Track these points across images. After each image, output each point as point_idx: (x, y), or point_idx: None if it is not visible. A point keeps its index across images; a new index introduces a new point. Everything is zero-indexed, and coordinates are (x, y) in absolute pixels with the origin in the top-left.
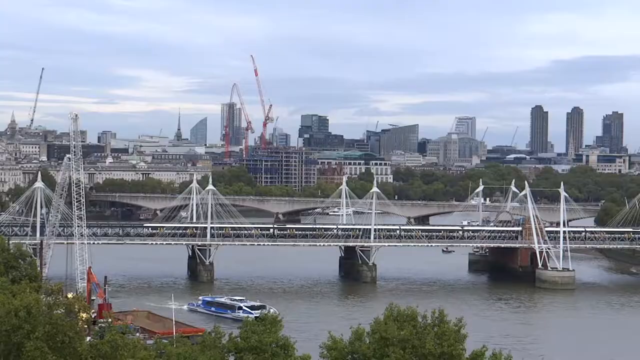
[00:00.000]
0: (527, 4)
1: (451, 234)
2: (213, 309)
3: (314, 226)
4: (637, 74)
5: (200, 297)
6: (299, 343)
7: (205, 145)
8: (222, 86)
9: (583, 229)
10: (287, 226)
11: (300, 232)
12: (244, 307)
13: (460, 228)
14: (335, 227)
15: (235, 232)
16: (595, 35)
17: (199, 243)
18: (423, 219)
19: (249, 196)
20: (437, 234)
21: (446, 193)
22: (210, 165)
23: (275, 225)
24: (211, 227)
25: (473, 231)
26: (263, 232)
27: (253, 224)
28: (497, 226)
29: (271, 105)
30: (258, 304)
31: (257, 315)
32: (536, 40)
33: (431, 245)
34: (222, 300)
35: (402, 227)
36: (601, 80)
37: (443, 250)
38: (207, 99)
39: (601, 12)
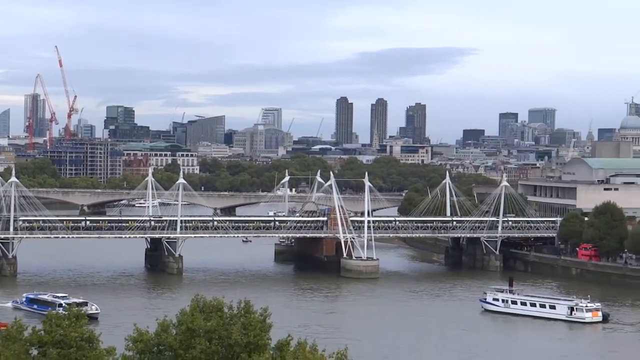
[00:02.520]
0: None
1: (258, 224)
2: (35, 306)
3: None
4: (439, 66)
5: (24, 295)
6: (104, 336)
7: (8, 137)
8: (26, 77)
9: (388, 219)
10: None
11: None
12: (64, 304)
13: (267, 218)
14: (142, 218)
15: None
16: (399, 28)
17: (2, 236)
18: (230, 210)
19: (54, 188)
20: (244, 224)
21: (253, 184)
22: (13, 157)
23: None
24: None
25: (279, 221)
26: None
27: (56, 216)
28: (302, 216)
29: (76, 96)
30: (80, 300)
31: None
32: (342, 32)
33: (238, 236)
34: (45, 297)
35: (214, 219)
36: (405, 73)
37: (243, 241)
38: (10, 90)
39: (405, 5)
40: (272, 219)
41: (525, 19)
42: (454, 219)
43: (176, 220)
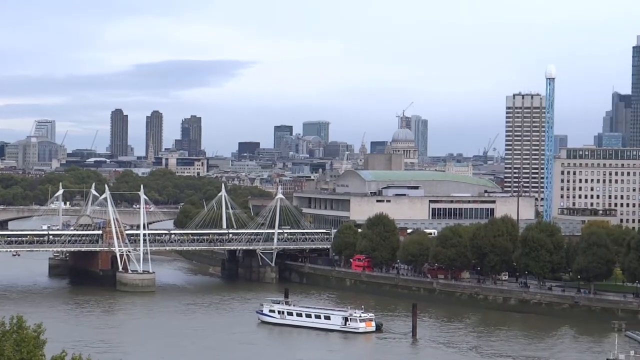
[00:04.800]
0: (111, 7)
1: (32, 238)
2: None
3: None
4: (217, 79)
5: None
6: None
7: None
8: None
9: (164, 231)
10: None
11: None
12: None
13: (40, 232)
14: None
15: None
16: (178, 40)
17: None
18: (2, 224)
19: None
20: (18, 238)
21: (26, 197)
22: None
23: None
24: None
25: (53, 235)
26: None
27: None
28: (77, 230)
29: None
30: None
31: None
32: (120, 44)
33: (10, 251)
34: None
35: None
36: (182, 85)
37: (12, 255)
38: None
39: (184, 17)
40: (46, 232)
41: (303, 33)
42: (230, 231)
43: None
